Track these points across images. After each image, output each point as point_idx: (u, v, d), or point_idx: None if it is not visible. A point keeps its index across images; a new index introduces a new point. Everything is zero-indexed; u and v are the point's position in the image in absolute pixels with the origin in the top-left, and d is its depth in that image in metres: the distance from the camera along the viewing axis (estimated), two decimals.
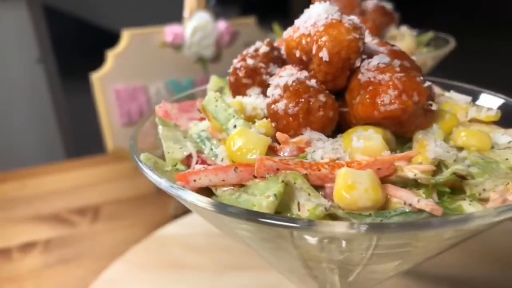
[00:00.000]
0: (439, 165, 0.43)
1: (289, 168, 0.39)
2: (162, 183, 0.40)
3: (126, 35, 1.54)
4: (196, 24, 1.55)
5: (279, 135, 0.43)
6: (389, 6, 1.01)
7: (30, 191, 1.35)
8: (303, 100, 0.44)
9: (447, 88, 0.63)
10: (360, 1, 0.99)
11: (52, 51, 2.82)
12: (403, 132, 0.46)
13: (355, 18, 0.47)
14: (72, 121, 2.80)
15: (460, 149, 0.45)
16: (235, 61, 0.54)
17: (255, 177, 0.41)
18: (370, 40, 0.54)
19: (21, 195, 1.32)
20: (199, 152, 0.48)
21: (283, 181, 0.38)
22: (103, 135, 1.43)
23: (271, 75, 0.53)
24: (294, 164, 0.40)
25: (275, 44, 0.56)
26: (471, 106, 0.51)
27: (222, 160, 0.45)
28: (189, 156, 0.47)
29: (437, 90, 0.55)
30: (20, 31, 2.64)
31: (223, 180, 0.42)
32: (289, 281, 0.57)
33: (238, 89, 0.54)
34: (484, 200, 0.39)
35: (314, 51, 0.46)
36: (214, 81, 0.62)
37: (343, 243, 0.37)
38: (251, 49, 0.55)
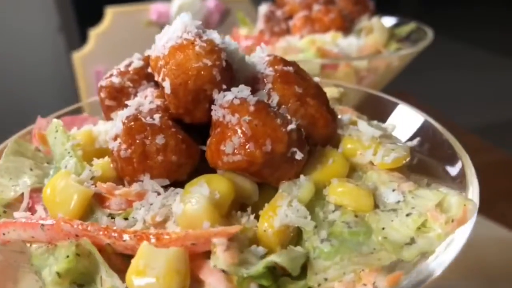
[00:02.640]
0: (299, 232, 0.34)
1: (88, 235, 0.32)
2: None
3: (110, 13, 1.47)
4: (182, 2, 1.46)
5: (99, 185, 0.36)
6: None
7: None
8: (137, 141, 0.36)
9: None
10: None
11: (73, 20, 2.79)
12: (263, 181, 0.37)
13: (215, 37, 0.38)
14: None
15: (338, 206, 0.36)
16: (103, 77, 0.46)
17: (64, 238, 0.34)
18: (263, 56, 0.44)
19: None
20: (38, 190, 0.41)
21: (68, 256, 0.31)
22: None
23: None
24: (96, 231, 0.32)
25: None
26: (376, 143, 0.41)
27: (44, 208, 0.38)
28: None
29: (347, 116, 0.46)
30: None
31: (33, 237, 0.35)
32: None
33: (104, 111, 0.46)
34: None
35: (161, 78, 0.38)
36: None
37: None
38: (123, 64, 0.46)
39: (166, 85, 0.36)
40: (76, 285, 0.33)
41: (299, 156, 0.35)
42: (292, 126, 0.35)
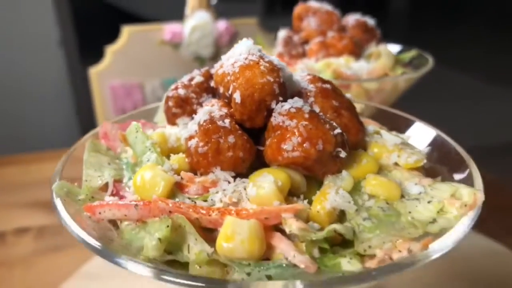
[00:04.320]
0: (342, 214, 0.43)
1: (181, 211, 0.40)
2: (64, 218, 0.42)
3: (126, 32, 1.56)
4: (195, 23, 1.56)
5: (183, 174, 0.44)
6: (371, 22, 0.99)
7: (32, 176, 1.38)
8: (213, 140, 0.45)
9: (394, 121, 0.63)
10: (340, 16, 0.97)
11: (74, 33, 2.87)
12: (313, 175, 0.46)
13: (275, 59, 0.47)
14: (86, 108, 2.87)
15: (371, 196, 0.45)
16: (169, 89, 0.55)
17: (154, 216, 0.42)
18: (304, 75, 0.54)
19: (22, 180, 1.34)
20: (118, 181, 0.49)
21: (168, 226, 0.39)
22: None
23: (202, 105, 0.53)
24: (187, 208, 0.40)
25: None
26: (399, 149, 0.51)
27: (133, 193, 0.46)
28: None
29: (372, 127, 0.55)
30: (42, 14, 2.69)
31: (125, 215, 0.43)
32: None
33: (170, 117, 0.55)
34: (371, 257, 0.39)
35: (230, 91, 0.47)
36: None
37: None
38: (185, 78, 0.55)
39: (237, 96, 0.45)
40: (166, 253, 0.41)
41: (343, 154, 0.44)
42: (338, 131, 0.45)
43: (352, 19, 0.98)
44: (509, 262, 0.94)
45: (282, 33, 0.98)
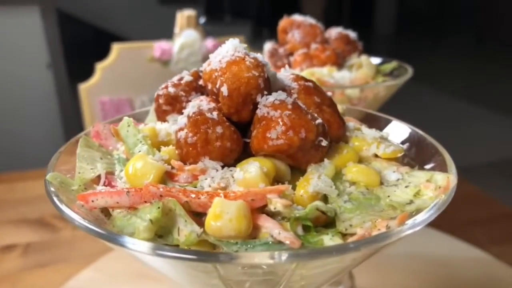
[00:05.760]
0: (325, 198, 0.46)
1: (171, 195, 0.42)
2: (57, 203, 0.43)
3: (115, 49, 1.60)
4: (184, 41, 1.60)
5: (173, 162, 0.47)
6: (353, 35, 1.03)
7: (17, 195, 1.38)
8: (201, 130, 0.47)
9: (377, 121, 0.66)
10: (323, 29, 1.02)
11: (63, 56, 2.91)
12: (296, 164, 0.48)
13: (259, 56, 0.51)
14: (75, 125, 2.87)
15: (352, 183, 0.48)
16: (159, 88, 0.58)
17: (145, 201, 0.44)
18: (287, 74, 0.57)
19: (8, 198, 1.35)
20: (110, 173, 0.51)
21: (159, 207, 0.41)
22: None
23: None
24: (177, 192, 0.42)
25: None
26: (378, 141, 0.54)
27: (125, 183, 0.48)
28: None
29: (352, 123, 0.58)
30: (32, 37, 2.72)
31: (117, 203, 0.45)
32: None
33: (160, 114, 0.57)
34: (351, 235, 0.41)
35: (218, 86, 0.49)
36: None
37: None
38: (175, 78, 0.58)
39: (224, 89, 0.48)
40: (157, 236, 0.43)
41: (324, 143, 0.47)
42: (319, 121, 0.47)
43: (335, 31, 1.02)
44: (494, 269, 0.97)
45: (268, 46, 1.02)
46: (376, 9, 7.95)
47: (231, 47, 0.51)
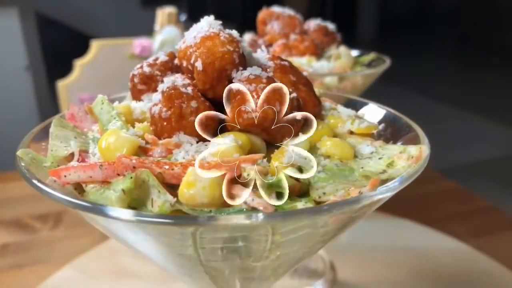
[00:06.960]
0: (300, 170, 0.46)
1: (144, 166, 0.42)
2: (28, 176, 0.43)
3: (95, 46, 1.58)
4: (164, 38, 1.59)
5: (147, 136, 0.46)
6: (331, 26, 1.04)
7: None
8: (176, 105, 0.47)
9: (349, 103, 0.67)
10: (302, 21, 1.03)
11: (42, 57, 2.87)
12: (271, 139, 0.48)
13: (234, 32, 0.51)
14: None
15: (327, 156, 0.48)
16: (134, 68, 0.57)
17: (119, 174, 0.44)
18: (264, 54, 0.57)
19: None
20: (84, 151, 0.50)
21: (131, 177, 0.40)
22: None
23: None
24: (150, 163, 0.42)
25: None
26: (353, 119, 0.54)
27: (98, 159, 0.47)
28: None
29: (328, 103, 0.58)
30: (11, 38, 2.69)
31: (91, 177, 0.44)
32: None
33: (135, 94, 0.57)
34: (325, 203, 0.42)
35: (192, 61, 0.49)
36: None
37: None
38: (150, 59, 0.58)
39: (198, 64, 0.48)
40: (130, 208, 0.42)
41: (299, 117, 0.47)
42: (294, 95, 0.48)
43: (313, 23, 1.03)
44: (474, 260, 0.99)
45: (247, 37, 1.03)
46: (358, 15, 8.06)
47: (206, 24, 0.51)
